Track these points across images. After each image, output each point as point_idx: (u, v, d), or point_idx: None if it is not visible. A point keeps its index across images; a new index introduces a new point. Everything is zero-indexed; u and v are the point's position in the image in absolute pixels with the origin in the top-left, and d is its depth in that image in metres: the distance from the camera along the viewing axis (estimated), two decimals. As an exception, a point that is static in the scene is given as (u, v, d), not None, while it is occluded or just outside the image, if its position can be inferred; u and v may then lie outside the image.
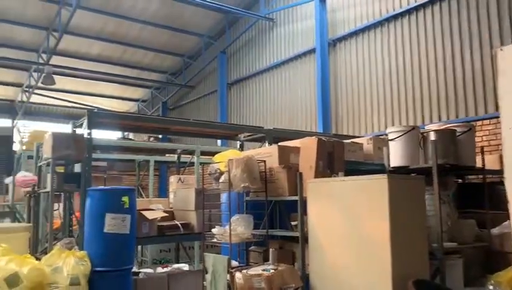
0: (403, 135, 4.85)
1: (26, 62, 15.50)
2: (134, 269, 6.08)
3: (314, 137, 4.86)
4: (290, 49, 12.88)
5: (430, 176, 4.72)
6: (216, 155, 5.28)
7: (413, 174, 5.07)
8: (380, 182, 3.83)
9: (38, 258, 4.98)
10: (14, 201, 8.57)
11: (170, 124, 7.23)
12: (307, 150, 4.73)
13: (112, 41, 15.46)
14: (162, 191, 16.03)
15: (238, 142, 7.72)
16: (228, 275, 4.25)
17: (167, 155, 11.32)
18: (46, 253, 5.35)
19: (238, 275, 4.02)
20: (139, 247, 8.52)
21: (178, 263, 8.16)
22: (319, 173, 4.59)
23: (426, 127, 5.93)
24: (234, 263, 4.74)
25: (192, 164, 9.68)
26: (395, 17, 10.03)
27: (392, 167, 5.03)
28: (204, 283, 4.66)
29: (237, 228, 4.58)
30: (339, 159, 4.86)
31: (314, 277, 4.31)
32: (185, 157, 9.93)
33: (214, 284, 4.43)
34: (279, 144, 5.14)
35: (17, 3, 12.91)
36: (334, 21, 11.55)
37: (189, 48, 16.83)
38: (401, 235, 3.82)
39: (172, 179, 8.57)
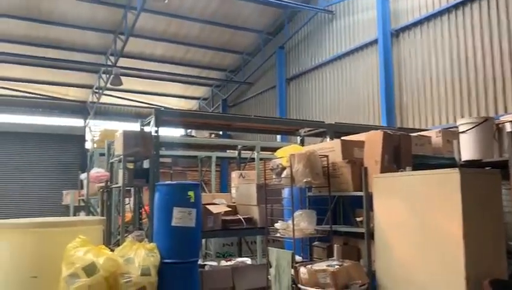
0: (475, 126, 4.56)
1: (96, 65, 16.47)
2: (200, 262, 6.27)
3: (379, 130, 4.72)
4: (350, 41, 12.60)
5: (506, 170, 4.41)
6: (278, 150, 5.29)
7: (487, 168, 4.77)
8: (452, 176, 3.64)
9: (111, 250, 5.26)
10: (88, 196, 9.12)
11: (232, 120, 7.34)
12: (372, 144, 4.59)
13: (174, 42, 15.99)
14: (224, 186, 16.37)
15: (298, 137, 7.69)
16: (292, 270, 4.26)
17: (228, 151, 11.54)
18: (118, 245, 5.65)
19: (302, 270, 4.01)
20: (203, 240, 8.75)
21: (241, 257, 8.29)
22: (385, 168, 4.44)
23: (501, 118, 5.55)
24: (297, 258, 4.73)
25: (252, 159, 9.79)
26: (463, 3, 9.47)
27: (464, 161, 4.76)
28: (269, 277, 4.69)
29: (300, 223, 4.57)
30: (405, 153, 4.67)
31: (381, 274, 4.19)
32: (245, 153, 10.06)
33: (278, 278, 4.45)
34: (342, 138, 5.04)
35: (87, 10, 13.73)
36: (396, 10, 11.14)
37: (247, 45, 17.00)
38: (475, 232, 3.61)
39: (234, 174, 8.72)
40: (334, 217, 5.02)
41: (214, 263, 7.00)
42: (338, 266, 4.00)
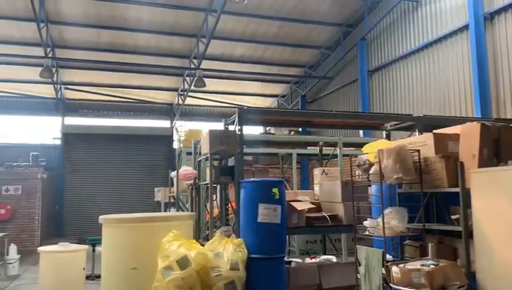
0: None
1: (181, 68, 17.28)
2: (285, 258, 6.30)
3: (476, 122, 4.38)
4: (437, 29, 11.87)
5: None
6: (364, 146, 5.13)
7: None
8: None
9: (202, 244, 5.48)
10: (178, 192, 9.59)
11: (313, 116, 7.29)
12: (468, 137, 4.28)
13: (253, 41, 16.24)
14: (305, 183, 16.31)
15: (383, 132, 7.41)
16: (383, 269, 4.11)
17: (309, 148, 11.46)
18: (207, 239, 5.87)
19: (395, 269, 3.86)
20: (286, 237, 8.77)
21: (325, 254, 8.19)
22: (484, 162, 4.12)
23: None
24: (388, 256, 4.57)
25: (334, 156, 9.62)
26: None
27: None
28: (358, 275, 4.59)
29: (390, 221, 4.40)
30: (507, 146, 4.29)
31: (482, 276, 3.89)
32: (326, 150, 9.92)
33: (368, 277, 4.33)
34: (434, 131, 4.76)
35: (171, 16, 14.45)
36: (490, -8, 10.28)
37: (326, 39, 16.74)
38: None
39: (316, 171, 8.64)
40: (427, 214, 4.76)
41: (299, 260, 6.99)
42: (433, 266, 3.79)
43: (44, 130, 19.21)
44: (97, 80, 18.24)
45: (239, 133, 6.13)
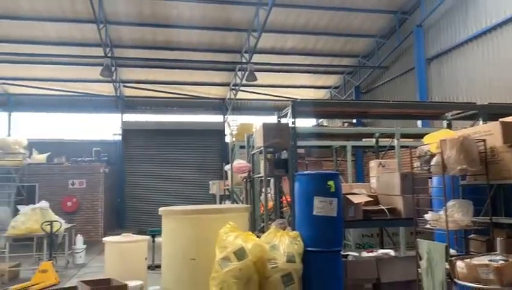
0: None
1: (232, 63, 17.46)
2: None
3: (548, 109, 4.08)
4: (504, 11, 11.10)
5: None
6: (426, 136, 4.93)
7: None
8: None
9: (257, 236, 5.53)
10: (233, 185, 9.74)
11: (370, 107, 7.10)
12: (540, 124, 4.00)
13: (304, 32, 16.07)
14: (360, 176, 15.97)
15: (444, 122, 7.08)
16: (447, 264, 3.95)
17: (364, 140, 11.19)
18: (263, 231, 5.92)
19: (460, 264, 3.69)
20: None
21: (383, 248, 8.00)
22: (559, 152, 3.83)
23: None
24: (451, 251, 4.38)
25: (391, 147, 9.33)
26: None
27: None
28: (419, 269, 4.44)
29: (454, 214, 4.21)
30: None
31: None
32: (382, 141, 9.64)
33: (430, 271, 4.18)
34: (502, 120, 4.47)
35: (222, 12, 14.62)
36: None
37: (381, 28, 16.23)
38: None
39: (373, 163, 8.41)
40: (494, 207, 4.51)
41: (355, 254, 6.87)
42: (503, 261, 3.58)
43: (105, 127, 20.20)
44: (153, 78, 18.86)
45: (292, 125, 6.11)
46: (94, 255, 12.40)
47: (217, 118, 21.40)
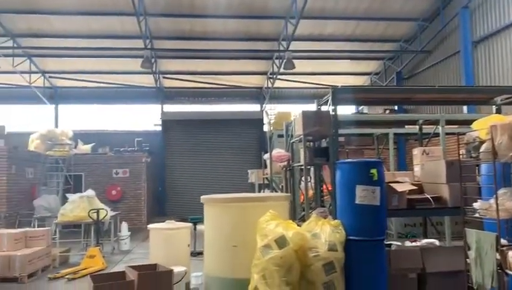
0: None
1: (269, 51, 17.36)
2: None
3: None
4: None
5: None
6: (475, 122, 4.72)
7: None
8: None
9: (298, 225, 5.51)
10: (272, 174, 9.75)
11: (414, 92, 6.86)
12: None
13: (343, 18, 15.73)
14: (402, 164, 15.61)
15: (493, 107, 6.76)
16: (497, 254, 3.79)
17: (406, 127, 10.89)
18: (303, 220, 5.90)
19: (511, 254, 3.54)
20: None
21: (426, 238, 7.80)
22: None
23: None
24: (502, 241, 4.19)
25: (436, 134, 9.03)
26: None
27: None
28: (467, 260, 4.28)
29: (505, 202, 4.02)
30: None
31: None
32: (426, 128, 9.34)
33: (479, 261, 4.03)
34: (559, 103, 4.22)
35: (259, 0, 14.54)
36: None
37: (423, 10, 15.64)
38: None
39: (416, 151, 8.16)
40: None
41: (398, 243, 6.73)
42: (559, 253, 3.40)
43: (146, 118, 20.70)
44: (191, 68, 19.09)
45: (333, 113, 6.01)
46: (138, 242, 12.80)
47: (254, 107, 21.45)
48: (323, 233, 5.02)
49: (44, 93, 19.18)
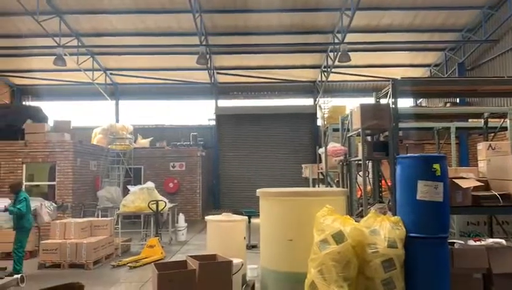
0: None
1: (324, 44, 17.11)
2: (447, 240, 5.85)
3: None
4: None
5: None
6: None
7: None
8: None
9: (355, 220, 5.41)
10: (327, 169, 9.64)
11: (479, 84, 6.49)
12: None
13: (401, 8, 15.17)
14: (463, 159, 14.89)
15: None
16: None
17: (470, 121, 10.36)
18: (361, 216, 5.78)
19: None
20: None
21: (492, 237, 7.40)
22: None
23: None
24: None
25: (503, 128, 8.51)
26: None
27: None
28: (542, 262, 4.01)
29: None
30: None
31: None
32: (492, 122, 8.82)
33: (555, 265, 3.75)
34: None
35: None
36: None
37: (489, -4, 14.76)
38: None
39: (481, 146, 7.74)
40: None
41: (461, 242, 6.43)
42: None
43: (201, 113, 21.18)
44: (245, 63, 19.24)
45: (393, 106, 5.82)
46: (194, 234, 13.17)
47: (308, 101, 21.30)
48: (383, 229, 4.91)
49: (106, 89, 20.14)
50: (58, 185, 13.15)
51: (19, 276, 4.13)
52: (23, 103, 20.97)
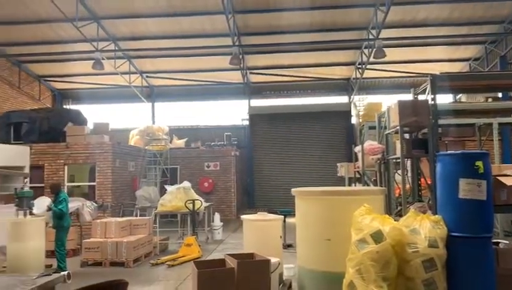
0: None
1: (358, 41, 16.85)
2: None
3: None
4: None
5: None
6: None
7: None
8: None
9: (394, 220, 5.31)
10: (364, 167, 9.49)
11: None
12: None
13: (438, 1, 14.74)
14: (506, 156, 14.31)
15: None
16: None
17: (513, 116, 9.96)
18: (400, 215, 5.66)
19: None
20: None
21: (539, 237, 7.09)
22: None
23: None
24: None
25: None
26: None
27: None
28: None
29: None
30: None
31: None
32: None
33: None
34: None
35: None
36: None
37: (533, -13, 14.10)
38: None
39: (526, 142, 7.46)
40: None
41: (506, 242, 6.20)
42: None
43: (234, 113, 21.33)
44: (277, 62, 19.22)
45: (432, 102, 5.68)
46: (230, 233, 13.28)
47: (342, 99, 21.04)
48: (423, 229, 4.80)
49: (142, 92, 20.62)
50: (98, 185, 13.58)
51: (65, 273, 4.28)
52: (64, 106, 21.78)
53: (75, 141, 13.81)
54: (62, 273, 4.51)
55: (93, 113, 19.65)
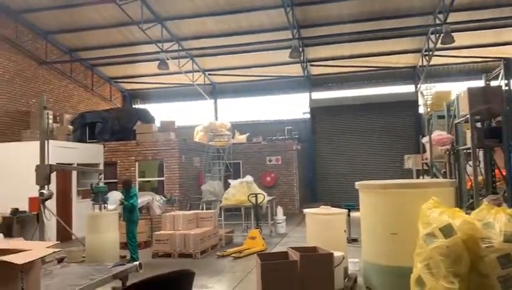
0: None
1: (424, 27, 16.05)
2: None
3: None
4: None
5: None
6: None
7: None
8: None
9: (466, 213, 5.05)
10: (432, 159, 9.07)
11: None
12: None
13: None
14: None
15: None
16: None
17: None
18: (472, 208, 5.37)
19: None
20: None
21: None
22: None
23: None
24: None
25: None
26: None
27: None
28: None
29: None
30: None
31: None
32: None
33: None
34: None
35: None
36: None
37: None
38: None
39: None
40: None
41: None
42: None
43: (295, 106, 21.26)
44: (338, 53, 18.84)
45: (506, 88, 5.31)
46: (293, 226, 13.31)
47: (408, 88, 20.24)
48: (498, 222, 4.53)
49: (205, 89, 21.17)
50: (166, 180, 14.19)
51: (137, 263, 4.56)
52: (133, 106, 22.96)
53: (144, 138, 14.53)
54: (134, 263, 4.80)
55: (159, 112, 20.52)
